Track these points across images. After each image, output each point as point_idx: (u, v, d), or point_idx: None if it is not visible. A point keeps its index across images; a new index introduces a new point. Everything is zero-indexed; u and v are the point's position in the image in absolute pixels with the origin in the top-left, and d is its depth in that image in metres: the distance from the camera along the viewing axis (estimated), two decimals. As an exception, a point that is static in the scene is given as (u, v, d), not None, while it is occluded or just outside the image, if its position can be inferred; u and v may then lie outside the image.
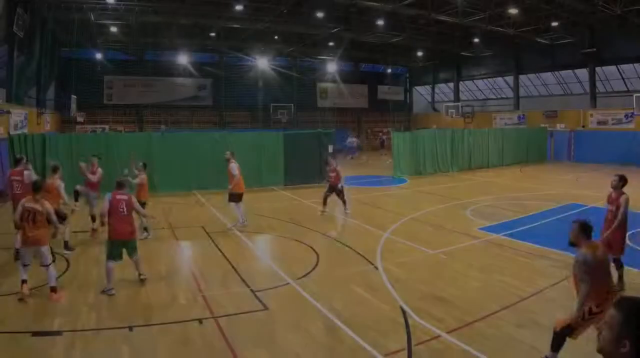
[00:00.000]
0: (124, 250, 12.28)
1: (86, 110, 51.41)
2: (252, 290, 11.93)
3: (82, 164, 18.12)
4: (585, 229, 8.22)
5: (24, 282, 11.35)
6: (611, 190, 12.33)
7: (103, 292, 11.74)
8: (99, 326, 9.93)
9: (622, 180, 12.26)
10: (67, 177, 16.40)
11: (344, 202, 21.68)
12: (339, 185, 21.56)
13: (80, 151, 26.42)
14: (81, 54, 50.59)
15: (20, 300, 11.07)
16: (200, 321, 10.14)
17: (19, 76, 34.37)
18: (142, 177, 17.66)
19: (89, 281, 12.64)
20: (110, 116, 54.89)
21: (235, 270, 13.61)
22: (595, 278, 7.75)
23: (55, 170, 15.81)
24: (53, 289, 11.45)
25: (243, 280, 12.70)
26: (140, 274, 12.66)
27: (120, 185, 12.75)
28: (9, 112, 28.29)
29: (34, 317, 10.34)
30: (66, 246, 15.51)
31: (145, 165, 18.38)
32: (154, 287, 11.95)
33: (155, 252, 15.44)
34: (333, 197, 21.56)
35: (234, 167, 18.82)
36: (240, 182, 18.92)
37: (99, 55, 51.92)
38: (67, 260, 14.32)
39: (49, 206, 11.90)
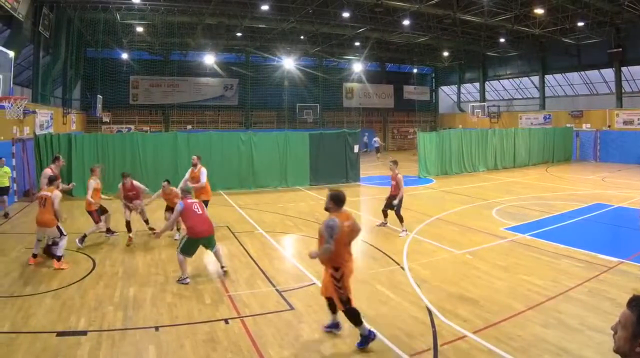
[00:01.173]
0: (201, 246, 12.89)
1: (112, 110, 51.96)
2: (277, 290, 11.99)
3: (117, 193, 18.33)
4: (335, 199, 9.37)
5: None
6: None
7: (179, 281, 12.32)
8: (125, 326, 9.98)
9: None
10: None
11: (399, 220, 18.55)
12: (395, 200, 18.45)
13: (106, 151, 26.69)
14: (107, 54, 50.87)
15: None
16: (226, 321, 10.20)
17: (44, 76, 34.58)
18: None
19: (115, 281, 12.71)
20: (136, 116, 55.25)
21: (261, 269, 13.67)
22: (337, 244, 8.92)
23: (92, 171, 16.96)
24: (58, 258, 13.64)
25: (269, 280, 12.77)
26: (222, 266, 13.14)
27: (185, 192, 13.68)
28: (34, 112, 28.46)
29: (58, 317, 10.38)
30: (108, 231, 16.82)
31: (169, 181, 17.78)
32: (179, 287, 12.01)
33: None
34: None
35: (204, 172, 18.37)
36: (208, 188, 18.68)
37: (124, 55, 52.20)
38: (94, 261, 14.43)
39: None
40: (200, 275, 13.25)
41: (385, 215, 19.20)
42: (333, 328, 9.66)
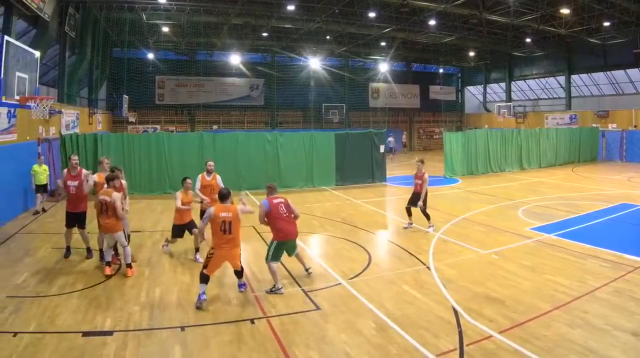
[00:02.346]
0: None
1: (138, 110, 52.34)
2: (304, 290, 12.04)
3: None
4: (220, 196, 11.67)
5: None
6: None
7: (271, 291, 11.87)
8: (150, 326, 10.07)
9: None
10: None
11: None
12: (419, 201, 18.52)
13: (132, 151, 26.83)
14: (133, 54, 51.02)
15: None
16: (252, 321, 10.25)
17: (70, 76, 34.75)
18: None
19: (141, 281, 12.81)
20: (162, 116, 55.43)
21: (287, 270, 13.68)
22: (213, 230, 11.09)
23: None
24: (128, 265, 13.30)
25: (295, 280, 12.81)
26: (307, 268, 13.16)
27: (271, 190, 13.24)
28: (60, 112, 28.62)
29: (84, 317, 10.47)
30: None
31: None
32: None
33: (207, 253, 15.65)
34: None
35: (220, 179, 17.24)
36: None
37: (150, 55, 52.50)
38: (119, 260, 14.56)
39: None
40: (226, 276, 13.28)
41: (410, 213, 19.09)
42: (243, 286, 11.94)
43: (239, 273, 11.78)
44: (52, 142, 26.26)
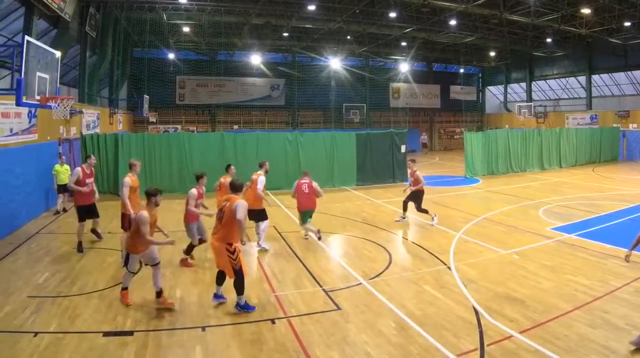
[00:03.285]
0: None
1: (158, 110, 52.51)
2: (324, 290, 12.08)
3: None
4: (232, 187, 11.55)
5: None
6: None
7: (318, 235, 15.45)
8: (171, 326, 10.13)
9: None
10: (139, 178, 16.52)
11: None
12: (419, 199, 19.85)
13: (153, 151, 26.93)
14: (153, 54, 51.36)
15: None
16: (272, 321, 10.30)
17: (91, 76, 34.94)
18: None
19: (162, 281, 12.75)
20: (183, 116, 55.56)
21: (307, 269, 13.78)
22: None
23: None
24: (159, 293, 11.28)
25: (315, 280, 12.87)
26: (317, 231, 16.31)
27: (304, 174, 17.49)
28: (81, 112, 28.78)
29: (105, 317, 10.57)
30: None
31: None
32: (226, 287, 12.03)
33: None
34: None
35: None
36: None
37: (171, 55, 52.53)
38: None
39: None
40: (247, 276, 13.36)
41: (405, 208, 20.16)
42: (220, 298, 11.46)
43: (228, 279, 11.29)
44: (72, 142, 26.43)
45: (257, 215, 16.24)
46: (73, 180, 16.12)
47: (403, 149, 31.95)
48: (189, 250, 14.69)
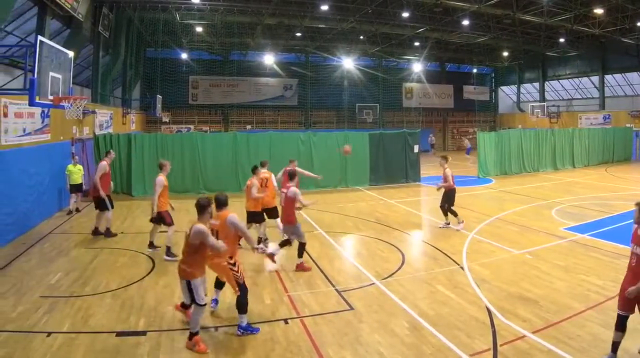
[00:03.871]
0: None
1: (171, 110, 52.61)
2: (337, 290, 12.08)
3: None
4: (217, 202, 10.23)
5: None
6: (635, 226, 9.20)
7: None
8: (184, 326, 10.08)
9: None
10: (152, 178, 16.65)
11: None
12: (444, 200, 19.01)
13: (165, 151, 26.98)
14: (166, 54, 51.64)
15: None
16: (285, 321, 10.30)
17: (104, 76, 35.08)
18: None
19: (174, 281, 12.64)
20: (196, 116, 55.82)
21: (320, 269, 13.79)
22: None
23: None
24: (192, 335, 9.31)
25: (328, 280, 12.87)
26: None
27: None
28: (94, 112, 28.88)
29: (118, 317, 10.61)
30: (151, 245, 15.87)
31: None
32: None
33: (241, 253, 15.68)
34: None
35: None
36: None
37: (184, 55, 52.88)
38: (153, 261, 14.65)
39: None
40: (260, 276, 13.37)
41: (445, 213, 19.08)
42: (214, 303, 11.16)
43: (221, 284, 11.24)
44: (85, 142, 26.48)
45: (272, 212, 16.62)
46: (100, 174, 17.16)
47: (416, 149, 31.99)
48: (300, 252, 14.10)
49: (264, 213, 16.45)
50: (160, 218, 15.34)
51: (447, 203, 18.80)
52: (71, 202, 22.17)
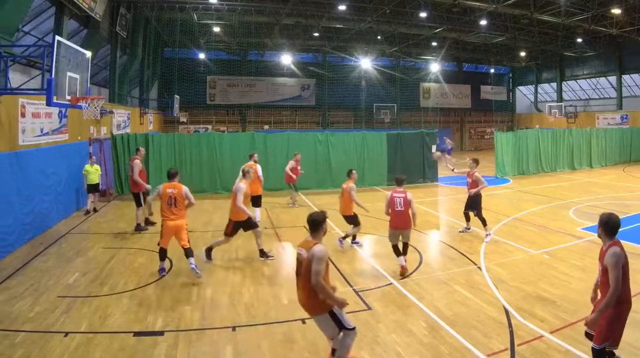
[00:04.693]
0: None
1: (189, 110, 52.93)
2: (354, 290, 12.09)
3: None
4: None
5: None
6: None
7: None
8: (202, 326, 10.20)
9: (602, 225, 7.71)
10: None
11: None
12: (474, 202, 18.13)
13: (183, 151, 27.06)
14: (184, 54, 52.14)
15: None
16: (303, 321, 10.25)
17: (121, 76, 35.32)
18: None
19: (192, 280, 12.96)
20: (213, 116, 56.14)
21: (338, 269, 13.75)
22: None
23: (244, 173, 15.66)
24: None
25: (346, 280, 12.87)
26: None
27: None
28: (111, 112, 29.03)
29: (135, 317, 10.68)
30: (262, 253, 15.19)
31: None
32: (256, 287, 12.17)
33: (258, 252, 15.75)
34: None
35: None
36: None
37: (201, 55, 53.13)
38: (171, 261, 14.61)
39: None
40: (277, 275, 13.46)
41: (468, 218, 18.67)
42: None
43: (187, 252, 13.14)
44: (103, 142, 26.58)
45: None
46: (137, 171, 18.28)
47: (434, 149, 31.91)
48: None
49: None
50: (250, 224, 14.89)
51: (476, 209, 18.02)
52: (88, 202, 22.28)
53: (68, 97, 15.30)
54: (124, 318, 10.52)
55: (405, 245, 13.70)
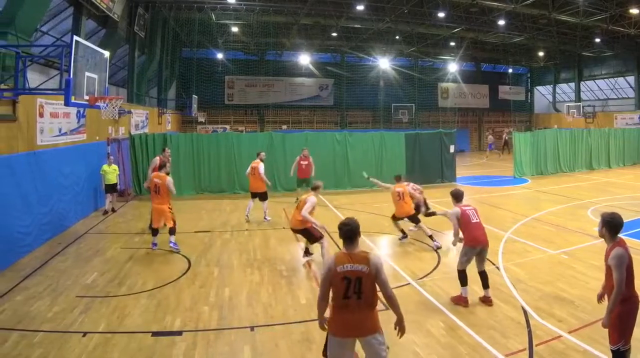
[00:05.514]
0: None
1: (207, 110, 53.09)
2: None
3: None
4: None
5: None
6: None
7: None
8: (220, 326, 10.24)
9: (605, 225, 7.94)
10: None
11: None
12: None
13: (201, 151, 27.14)
14: (202, 54, 52.27)
15: None
16: (321, 321, 10.32)
17: (139, 76, 35.39)
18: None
19: (210, 281, 13.02)
20: (232, 116, 56.04)
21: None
22: None
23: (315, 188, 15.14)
24: None
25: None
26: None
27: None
28: (130, 112, 29.17)
29: (154, 317, 10.73)
30: (306, 252, 15.17)
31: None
32: (274, 287, 12.21)
33: (277, 252, 15.75)
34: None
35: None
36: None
37: (220, 55, 52.98)
38: (189, 261, 14.80)
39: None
40: (295, 276, 13.50)
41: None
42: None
43: (170, 230, 15.78)
44: (121, 142, 26.63)
45: None
46: (152, 167, 18.37)
47: (452, 149, 31.93)
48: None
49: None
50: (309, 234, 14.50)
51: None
52: (107, 202, 22.44)
53: (86, 97, 15.38)
54: (142, 318, 10.59)
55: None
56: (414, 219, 17.01)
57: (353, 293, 6.75)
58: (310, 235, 14.28)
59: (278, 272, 13.84)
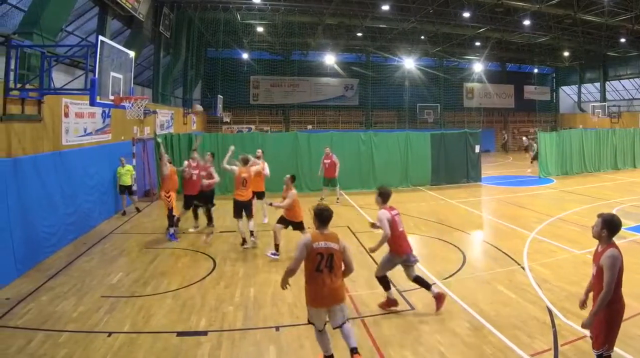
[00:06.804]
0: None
1: (232, 110, 53.08)
2: (398, 290, 12.05)
3: None
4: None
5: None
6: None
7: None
8: (245, 326, 10.33)
9: (606, 225, 7.96)
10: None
11: None
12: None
13: (227, 151, 27.26)
14: (227, 54, 52.49)
15: None
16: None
17: (165, 76, 35.60)
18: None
19: (235, 281, 13.10)
20: (257, 116, 56.21)
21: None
22: None
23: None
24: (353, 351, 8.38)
25: (389, 280, 12.62)
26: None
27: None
28: (155, 112, 29.22)
29: (179, 317, 10.80)
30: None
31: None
32: (299, 287, 12.23)
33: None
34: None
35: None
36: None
37: (245, 55, 53.09)
38: (214, 261, 14.90)
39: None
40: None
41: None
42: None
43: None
44: (146, 142, 26.70)
45: None
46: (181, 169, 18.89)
47: (477, 149, 31.89)
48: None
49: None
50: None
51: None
52: (124, 204, 22.48)
53: (111, 97, 15.45)
54: (167, 319, 10.67)
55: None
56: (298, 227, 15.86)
57: (325, 267, 8.30)
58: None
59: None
